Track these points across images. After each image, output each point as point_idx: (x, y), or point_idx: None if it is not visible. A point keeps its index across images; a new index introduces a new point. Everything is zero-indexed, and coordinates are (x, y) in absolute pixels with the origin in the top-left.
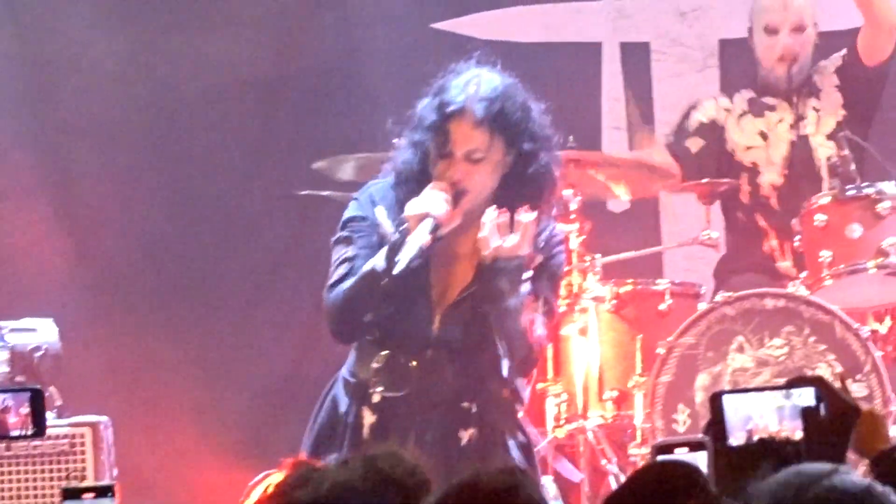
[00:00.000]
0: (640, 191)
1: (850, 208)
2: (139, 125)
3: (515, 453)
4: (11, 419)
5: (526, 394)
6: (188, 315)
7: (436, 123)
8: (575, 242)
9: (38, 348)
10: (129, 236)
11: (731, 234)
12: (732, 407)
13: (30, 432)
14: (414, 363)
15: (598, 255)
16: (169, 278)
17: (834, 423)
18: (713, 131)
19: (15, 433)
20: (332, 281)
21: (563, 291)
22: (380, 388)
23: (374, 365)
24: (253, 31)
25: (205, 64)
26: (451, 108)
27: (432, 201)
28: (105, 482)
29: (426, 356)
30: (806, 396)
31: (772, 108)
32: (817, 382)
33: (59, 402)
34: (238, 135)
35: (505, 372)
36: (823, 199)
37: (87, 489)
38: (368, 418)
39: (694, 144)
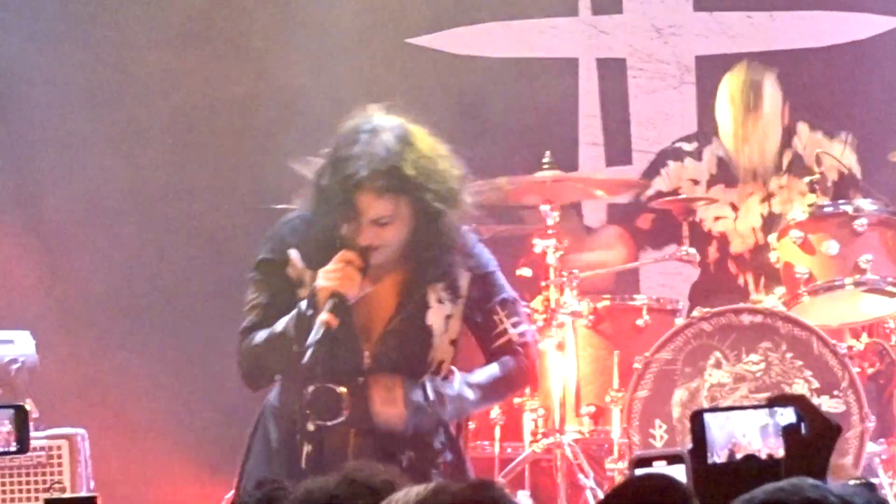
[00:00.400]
0: (616, 192)
1: (827, 225)
2: (111, 140)
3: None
4: None
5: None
6: (162, 329)
7: (340, 198)
8: (553, 258)
9: (14, 360)
10: (101, 251)
11: (704, 268)
12: (714, 425)
13: (12, 449)
14: (344, 390)
15: (575, 271)
16: (142, 292)
17: (815, 442)
18: (669, 203)
19: None
20: (243, 326)
21: (539, 307)
22: (312, 417)
23: (307, 394)
24: (225, 48)
25: (177, 81)
26: (353, 182)
27: (342, 278)
28: (87, 493)
29: (357, 383)
30: (788, 415)
31: (743, 182)
32: (798, 400)
33: (35, 415)
34: (210, 151)
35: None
36: (800, 216)
37: (70, 500)
38: (305, 447)
39: (644, 222)
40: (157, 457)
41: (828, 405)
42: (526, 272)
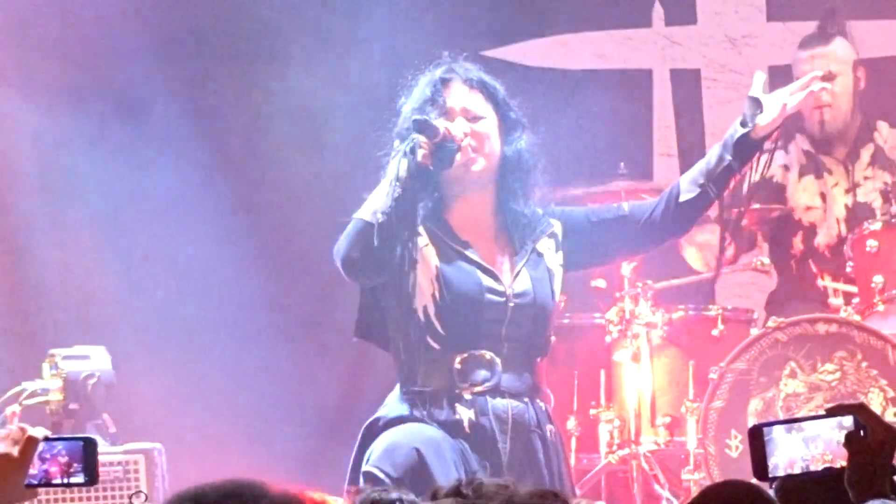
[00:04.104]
0: None
1: None
2: (188, 153)
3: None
4: (52, 468)
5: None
6: (238, 344)
7: (432, 97)
8: (627, 269)
9: (91, 375)
10: (178, 265)
11: (782, 273)
12: (781, 438)
13: (79, 480)
14: (493, 355)
15: (649, 282)
16: (218, 306)
17: (877, 448)
18: (772, 188)
19: (56, 481)
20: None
21: (614, 318)
22: (466, 385)
23: (457, 366)
24: (303, 61)
25: (255, 94)
26: (440, 76)
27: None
28: None
29: (503, 350)
30: (848, 423)
31: (829, 172)
32: (858, 409)
33: (112, 430)
34: (288, 164)
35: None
36: (875, 224)
37: None
38: (466, 414)
39: (748, 217)
40: (234, 472)
41: None
42: (600, 283)
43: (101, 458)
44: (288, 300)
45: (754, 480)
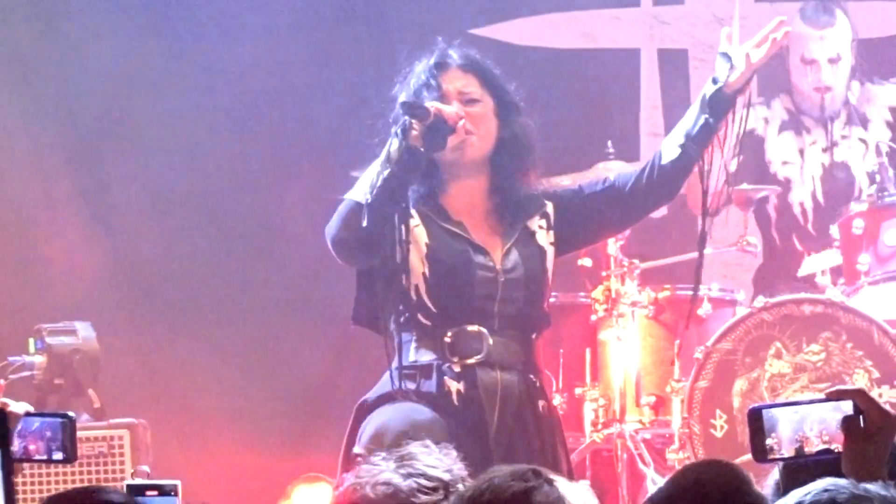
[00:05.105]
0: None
1: (888, 215)
2: (174, 131)
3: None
4: (31, 445)
5: None
6: (224, 320)
7: (427, 81)
8: (613, 248)
9: (76, 350)
10: (165, 241)
11: (769, 250)
12: (780, 420)
13: (58, 458)
14: (483, 329)
15: (636, 261)
16: (205, 283)
17: (873, 434)
18: (750, 141)
19: (35, 458)
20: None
21: (600, 297)
22: (456, 358)
23: (447, 340)
24: (289, 38)
25: (240, 70)
26: (435, 61)
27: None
28: (169, 481)
29: (493, 325)
30: (846, 407)
31: (808, 130)
32: (858, 394)
33: (97, 405)
34: (274, 140)
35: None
36: (861, 206)
37: (151, 486)
38: (455, 386)
39: (732, 164)
40: (218, 447)
41: (888, 395)
42: (587, 262)
43: (85, 434)
44: (273, 278)
45: (741, 459)
